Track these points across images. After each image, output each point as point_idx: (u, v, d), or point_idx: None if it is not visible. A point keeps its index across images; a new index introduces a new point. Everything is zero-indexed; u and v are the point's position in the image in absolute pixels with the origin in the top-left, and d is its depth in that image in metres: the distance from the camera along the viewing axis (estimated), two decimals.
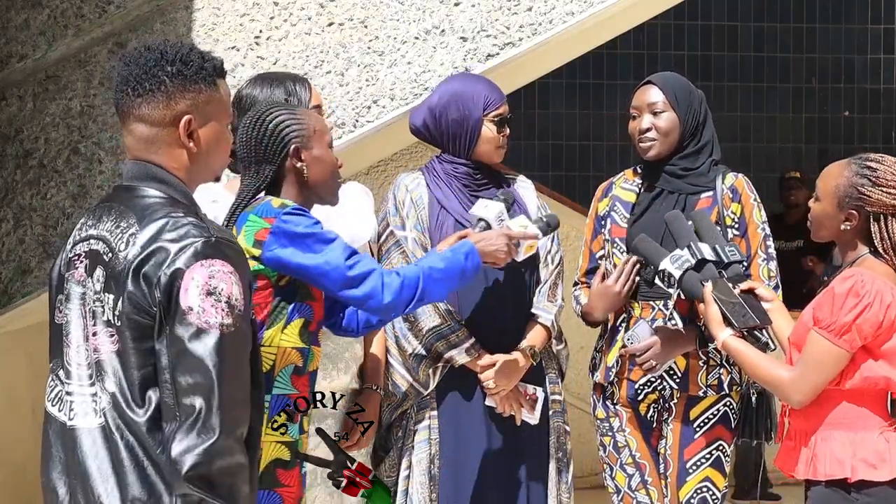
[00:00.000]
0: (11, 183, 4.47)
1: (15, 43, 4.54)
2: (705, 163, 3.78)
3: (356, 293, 2.95)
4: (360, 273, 2.94)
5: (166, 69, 2.36)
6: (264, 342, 2.95)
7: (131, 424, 2.28)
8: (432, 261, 3.07)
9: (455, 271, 3.07)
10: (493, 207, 3.38)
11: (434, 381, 3.60)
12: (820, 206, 3.20)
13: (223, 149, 2.46)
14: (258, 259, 2.94)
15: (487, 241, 3.19)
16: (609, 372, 3.76)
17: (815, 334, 3.07)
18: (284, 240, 2.92)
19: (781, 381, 3.13)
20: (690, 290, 3.38)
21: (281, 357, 2.97)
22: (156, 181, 2.37)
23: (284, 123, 3.07)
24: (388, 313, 3.04)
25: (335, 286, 2.94)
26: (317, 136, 3.10)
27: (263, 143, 3.06)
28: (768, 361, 3.20)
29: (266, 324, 2.96)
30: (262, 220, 2.95)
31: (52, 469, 2.39)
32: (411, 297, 2.99)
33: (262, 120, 3.08)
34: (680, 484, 3.74)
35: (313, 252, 2.92)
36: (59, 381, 2.39)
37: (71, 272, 2.40)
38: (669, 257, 3.41)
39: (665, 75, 3.84)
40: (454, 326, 3.58)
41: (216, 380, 2.22)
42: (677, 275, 3.38)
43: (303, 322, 2.99)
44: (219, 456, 2.21)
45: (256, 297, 2.92)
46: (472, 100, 3.62)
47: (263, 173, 3.06)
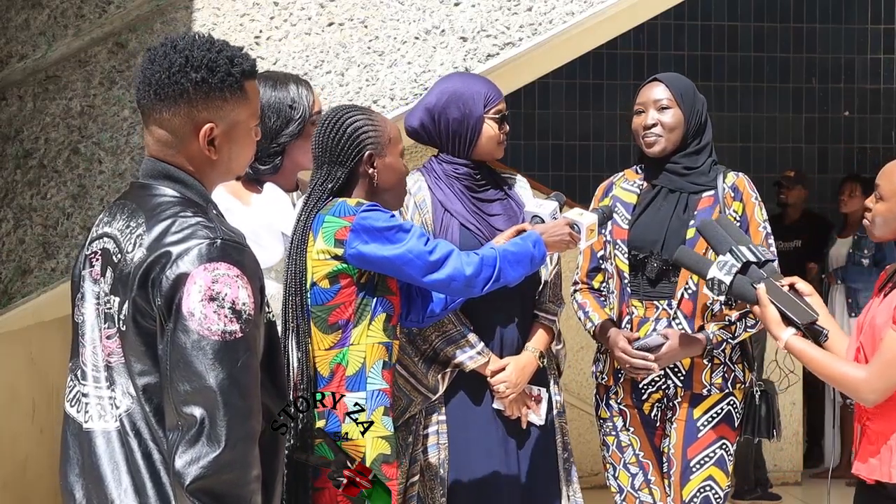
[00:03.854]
0: (11, 183, 4.46)
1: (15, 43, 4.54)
2: (706, 162, 3.78)
3: (439, 276, 3.06)
4: (441, 256, 3.06)
5: (190, 76, 2.29)
6: (353, 341, 3.03)
7: (145, 431, 2.24)
8: (505, 245, 3.20)
9: (526, 257, 3.21)
10: (547, 206, 3.46)
11: (443, 385, 3.59)
12: (885, 205, 3.20)
13: (246, 152, 2.41)
14: (341, 258, 3.01)
15: (551, 231, 3.33)
16: (618, 373, 3.76)
17: (893, 333, 3.06)
18: (365, 236, 3.00)
19: (854, 379, 3.12)
20: (742, 294, 3.34)
21: (371, 353, 3.05)
22: (171, 180, 2.33)
23: (362, 129, 3.14)
24: (468, 293, 3.16)
25: (419, 273, 3.04)
26: (391, 145, 3.18)
27: (339, 146, 3.13)
28: (837, 360, 3.18)
29: (353, 322, 3.04)
30: (341, 219, 3.02)
31: (70, 471, 2.35)
32: (489, 277, 3.13)
33: (342, 122, 3.14)
34: (683, 483, 3.74)
35: (393, 243, 3.01)
36: (77, 381, 2.35)
37: (88, 270, 2.36)
38: (716, 264, 3.36)
39: (671, 75, 3.86)
40: (463, 331, 3.57)
41: (218, 389, 2.15)
42: (728, 281, 3.34)
43: (385, 316, 3.07)
44: (225, 469, 2.14)
45: (341, 297, 3.03)
46: (472, 98, 3.61)
47: (335, 175, 3.12)
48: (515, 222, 3.56)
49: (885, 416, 3.16)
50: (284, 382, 2.46)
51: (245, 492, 2.17)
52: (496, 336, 3.63)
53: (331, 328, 3.05)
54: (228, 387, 2.16)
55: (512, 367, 3.58)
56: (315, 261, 3.04)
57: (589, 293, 3.88)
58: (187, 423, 2.15)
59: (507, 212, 3.66)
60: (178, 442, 2.15)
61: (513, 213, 3.65)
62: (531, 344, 3.64)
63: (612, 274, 3.80)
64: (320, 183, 3.13)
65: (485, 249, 3.18)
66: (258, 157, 3.35)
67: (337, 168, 3.13)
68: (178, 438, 2.15)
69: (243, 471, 2.17)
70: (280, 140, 3.36)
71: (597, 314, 3.80)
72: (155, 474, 2.23)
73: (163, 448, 2.23)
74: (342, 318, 3.04)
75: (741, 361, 3.78)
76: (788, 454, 7.39)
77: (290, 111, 3.37)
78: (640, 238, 3.75)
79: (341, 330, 3.04)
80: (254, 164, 3.36)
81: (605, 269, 3.84)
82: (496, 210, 3.66)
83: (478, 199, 3.65)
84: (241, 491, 2.17)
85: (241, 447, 2.16)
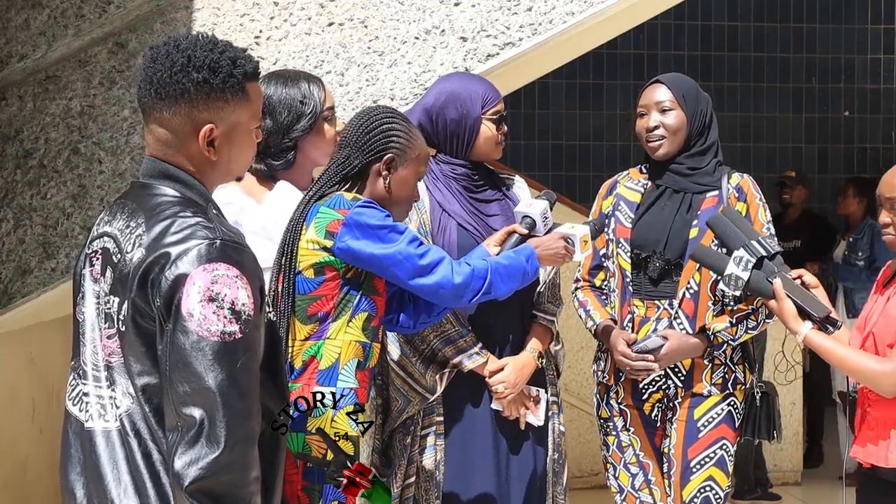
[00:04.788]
0: (11, 183, 4.46)
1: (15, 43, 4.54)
2: (710, 162, 3.78)
3: (427, 282, 3.03)
4: (431, 262, 3.03)
5: (192, 76, 2.28)
6: (329, 335, 3.01)
7: (145, 431, 2.24)
8: (497, 258, 3.18)
9: (518, 271, 3.18)
10: (538, 205, 3.45)
11: (441, 386, 3.57)
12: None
13: (246, 154, 2.40)
14: (329, 250, 2.99)
15: (545, 245, 3.30)
16: (619, 373, 3.76)
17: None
18: (357, 231, 2.98)
19: (873, 371, 3.20)
20: (759, 289, 3.38)
21: (346, 350, 3.02)
22: (170, 179, 2.32)
23: (395, 131, 3.14)
24: (455, 302, 3.13)
25: (407, 275, 3.02)
26: (415, 162, 3.17)
27: (367, 135, 3.13)
28: (856, 353, 3.26)
29: (332, 315, 3.01)
30: (335, 211, 3.01)
31: (72, 470, 2.34)
32: (479, 289, 3.10)
33: (380, 117, 3.15)
34: (683, 483, 3.74)
35: (385, 242, 2.98)
36: (79, 380, 2.35)
37: (88, 269, 2.35)
38: (732, 260, 3.39)
39: (673, 75, 3.86)
40: (462, 331, 3.57)
41: (217, 391, 2.14)
42: (745, 276, 3.37)
43: (366, 316, 3.04)
44: (225, 470, 2.14)
45: (324, 289, 3.00)
46: (469, 99, 3.61)
47: (352, 161, 3.12)
48: (513, 223, 3.56)
49: (887, 402, 3.23)
50: (285, 382, 2.45)
51: (244, 493, 2.17)
52: (494, 336, 3.62)
53: (309, 319, 3.02)
54: (228, 388, 2.15)
55: (511, 367, 3.58)
56: (304, 250, 3.02)
57: (590, 291, 3.88)
58: (187, 423, 2.15)
59: (505, 212, 3.65)
60: (177, 443, 2.15)
61: (511, 214, 3.64)
62: (530, 344, 3.64)
63: (613, 272, 3.80)
64: (335, 164, 3.14)
65: (477, 261, 3.14)
66: (271, 153, 3.36)
67: (356, 155, 3.12)
68: (177, 439, 2.15)
69: (243, 472, 2.16)
70: (292, 135, 3.37)
71: (598, 313, 3.80)
72: (155, 474, 2.23)
73: (163, 448, 2.22)
74: (322, 310, 3.01)
75: (742, 362, 3.78)
76: (788, 454, 7.39)
77: (301, 106, 3.37)
78: (643, 237, 3.75)
79: (319, 322, 3.02)
80: (267, 160, 3.37)
81: (607, 267, 3.84)
82: (494, 210, 3.66)
83: (475, 199, 3.65)
84: (241, 492, 2.16)
85: (241, 448, 2.16)
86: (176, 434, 2.16)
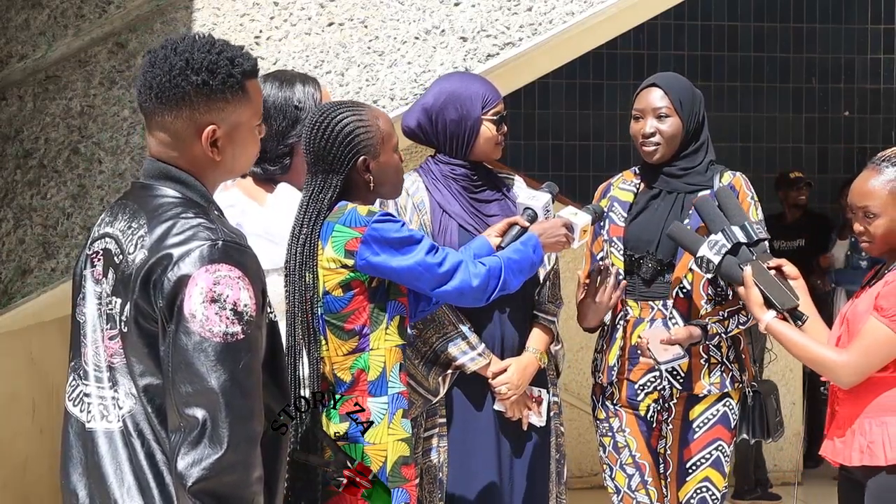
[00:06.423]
0: (11, 183, 4.46)
1: (15, 43, 4.54)
2: (703, 162, 3.79)
3: (448, 289, 3.08)
4: (450, 268, 3.07)
5: (191, 79, 2.28)
6: (372, 346, 3.03)
7: (148, 432, 2.24)
8: (507, 253, 3.22)
9: (527, 263, 3.24)
10: (540, 197, 3.47)
11: (444, 388, 3.58)
12: (884, 220, 3.25)
13: (249, 151, 2.40)
14: (351, 268, 3.01)
15: (548, 232, 3.34)
16: (612, 371, 3.76)
17: (874, 321, 3.17)
18: (376, 247, 2.99)
19: (833, 362, 3.23)
20: (729, 274, 3.43)
21: (389, 357, 3.05)
22: (172, 181, 2.32)
23: (353, 133, 3.06)
24: (476, 303, 3.18)
25: (429, 286, 3.06)
26: (384, 143, 3.12)
27: (332, 154, 3.07)
28: (815, 343, 3.29)
29: (369, 327, 3.03)
30: (352, 229, 3.01)
31: (73, 471, 2.34)
32: (495, 287, 3.15)
33: (331, 127, 3.07)
34: (680, 484, 3.74)
35: (404, 255, 3.01)
36: (80, 381, 2.35)
37: (89, 270, 2.35)
38: (707, 243, 3.45)
39: (668, 77, 3.83)
40: (464, 332, 3.57)
41: (220, 391, 2.15)
42: (717, 260, 3.43)
43: (399, 318, 3.08)
44: (228, 470, 2.14)
45: (355, 303, 3.02)
46: (469, 99, 3.60)
47: (331, 183, 3.07)
48: None
49: (854, 401, 3.25)
50: (287, 383, 2.46)
51: (247, 493, 2.17)
52: (496, 337, 3.62)
53: (348, 334, 3.04)
54: (230, 388, 2.16)
55: (514, 368, 3.58)
56: (326, 269, 3.03)
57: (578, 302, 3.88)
58: (189, 424, 2.15)
59: (505, 212, 3.65)
60: (180, 443, 2.15)
61: (510, 214, 3.64)
62: (532, 344, 3.64)
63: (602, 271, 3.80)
64: (317, 192, 3.07)
65: (490, 259, 3.17)
66: (268, 159, 3.35)
67: (332, 176, 3.07)
68: (180, 440, 2.15)
69: (245, 472, 2.16)
70: (288, 141, 3.35)
71: None
72: (158, 475, 2.23)
73: (166, 448, 2.22)
74: (358, 324, 3.03)
75: (737, 362, 3.78)
76: (788, 454, 7.39)
77: (296, 112, 3.35)
78: (636, 238, 3.76)
79: (358, 336, 3.04)
80: (264, 164, 3.35)
81: None
82: (494, 210, 3.66)
83: (475, 199, 3.64)
84: (244, 492, 2.16)
85: (243, 448, 2.16)
86: (179, 434, 2.16)
